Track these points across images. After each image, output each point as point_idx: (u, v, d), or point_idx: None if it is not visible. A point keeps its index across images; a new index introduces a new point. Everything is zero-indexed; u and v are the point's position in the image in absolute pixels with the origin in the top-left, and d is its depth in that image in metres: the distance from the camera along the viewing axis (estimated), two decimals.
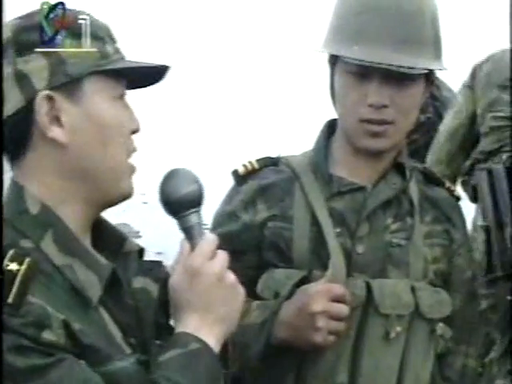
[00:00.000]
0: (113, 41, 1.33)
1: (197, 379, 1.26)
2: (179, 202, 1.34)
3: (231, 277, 1.33)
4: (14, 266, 1.16)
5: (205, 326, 1.29)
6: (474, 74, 2.58)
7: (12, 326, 1.14)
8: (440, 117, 2.67)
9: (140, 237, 6.11)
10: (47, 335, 1.15)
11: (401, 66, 1.63)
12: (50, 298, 1.19)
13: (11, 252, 1.18)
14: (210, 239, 1.34)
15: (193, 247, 1.33)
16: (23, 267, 1.16)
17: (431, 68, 1.70)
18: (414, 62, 1.65)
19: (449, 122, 2.61)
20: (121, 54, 1.33)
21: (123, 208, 1.37)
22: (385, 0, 1.66)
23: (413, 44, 1.66)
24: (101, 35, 1.30)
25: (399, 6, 1.66)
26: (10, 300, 1.14)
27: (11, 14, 1.32)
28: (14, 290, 1.15)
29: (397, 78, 1.65)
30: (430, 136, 2.66)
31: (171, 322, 1.71)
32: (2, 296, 1.15)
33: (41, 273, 1.20)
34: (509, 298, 2.09)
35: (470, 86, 2.59)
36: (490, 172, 2.18)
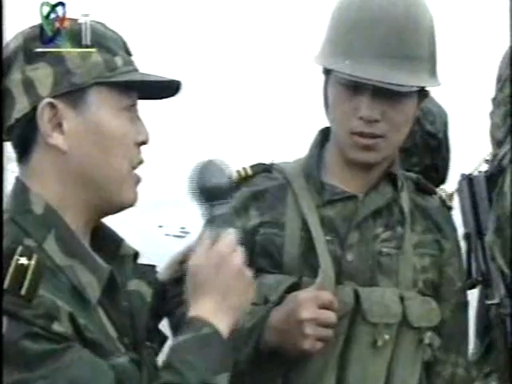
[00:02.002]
0: (126, 53, 1.36)
1: (208, 361, 1.32)
2: (216, 190, 1.41)
3: (248, 271, 1.41)
4: (24, 261, 1.20)
5: (219, 312, 1.36)
6: None
7: (24, 317, 1.18)
8: (420, 125, 2.69)
9: None
10: (56, 327, 1.20)
11: (391, 84, 1.64)
12: (56, 293, 1.23)
13: (20, 248, 1.22)
14: (233, 233, 1.40)
15: (216, 236, 1.39)
16: (33, 262, 1.21)
17: (423, 85, 1.71)
18: (406, 79, 1.66)
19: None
20: (133, 66, 1.37)
21: (106, 216, 1.41)
22: (379, 15, 1.65)
23: (406, 60, 1.66)
24: (110, 46, 1.33)
25: (394, 21, 1.66)
26: (22, 292, 1.18)
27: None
28: (26, 282, 1.19)
29: (389, 93, 1.65)
30: (411, 142, 2.67)
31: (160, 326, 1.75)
32: (1, 293, 1.19)
33: (47, 269, 1.24)
34: (487, 302, 2.13)
35: None
36: (470, 180, 2.22)
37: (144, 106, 1.41)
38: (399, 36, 1.66)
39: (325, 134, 1.82)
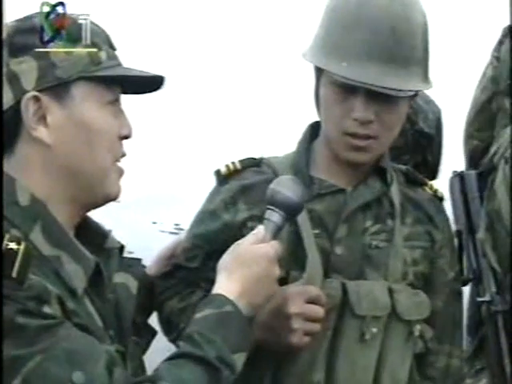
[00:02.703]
0: (110, 47, 1.37)
1: (227, 338, 1.35)
2: (282, 200, 1.54)
3: (278, 273, 1.49)
4: (13, 245, 1.21)
5: (244, 297, 1.41)
6: (500, 43, 2.55)
7: (16, 299, 1.19)
8: (411, 123, 2.69)
9: None
10: (47, 309, 1.21)
11: (389, 88, 1.63)
12: (45, 278, 1.24)
13: (8, 234, 1.23)
14: (279, 245, 1.50)
15: (266, 237, 1.50)
16: (22, 247, 1.21)
17: (419, 89, 1.72)
18: (403, 83, 1.65)
19: (477, 99, 2.59)
20: (117, 61, 1.37)
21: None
22: (377, 18, 1.64)
23: (402, 64, 1.65)
24: (95, 41, 1.34)
25: (392, 25, 1.64)
26: (14, 274, 1.19)
27: (11, 14, 1.35)
28: (17, 265, 1.20)
29: (383, 94, 1.64)
30: (402, 141, 2.67)
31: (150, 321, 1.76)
32: (1, 292, 1.19)
33: (34, 258, 1.24)
34: (478, 299, 2.13)
35: (497, 56, 2.55)
36: (461, 177, 2.23)
37: (134, 101, 1.42)
38: (396, 39, 1.64)
39: (314, 129, 1.81)
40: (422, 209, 1.81)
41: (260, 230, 1.50)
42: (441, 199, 1.87)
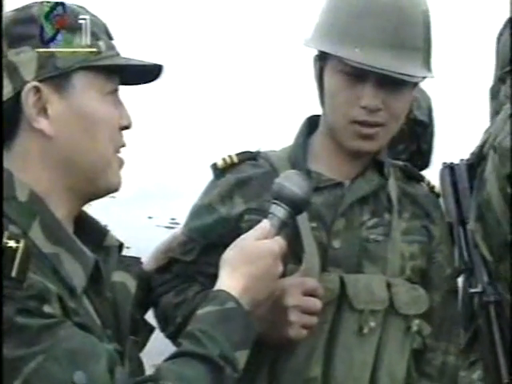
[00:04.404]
0: (108, 37, 1.36)
1: (229, 335, 1.35)
2: (288, 195, 1.52)
3: (281, 271, 1.49)
4: (12, 243, 1.18)
5: (247, 294, 1.41)
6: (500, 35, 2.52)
7: (16, 298, 1.17)
8: (407, 114, 2.68)
9: None
10: (47, 309, 1.20)
11: (402, 74, 1.64)
12: (45, 277, 1.22)
13: (7, 232, 1.20)
14: (283, 241, 1.49)
15: (271, 232, 1.49)
16: (21, 245, 1.19)
17: (427, 76, 1.71)
18: (413, 70, 1.66)
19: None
20: (115, 51, 1.36)
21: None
22: (386, 5, 1.65)
23: (410, 51, 1.66)
24: (94, 30, 1.33)
25: (400, 11, 1.65)
26: (13, 274, 1.17)
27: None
28: (16, 264, 1.18)
29: (391, 82, 1.65)
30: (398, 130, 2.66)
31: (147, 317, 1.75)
32: (1, 292, 1.17)
33: (33, 256, 1.22)
34: (470, 290, 2.13)
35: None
36: (452, 169, 2.22)
37: (129, 93, 1.41)
38: (405, 27, 1.66)
39: (312, 122, 1.81)
40: (419, 204, 1.81)
41: (265, 224, 1.49)
42: (437, 196, 1.88)
